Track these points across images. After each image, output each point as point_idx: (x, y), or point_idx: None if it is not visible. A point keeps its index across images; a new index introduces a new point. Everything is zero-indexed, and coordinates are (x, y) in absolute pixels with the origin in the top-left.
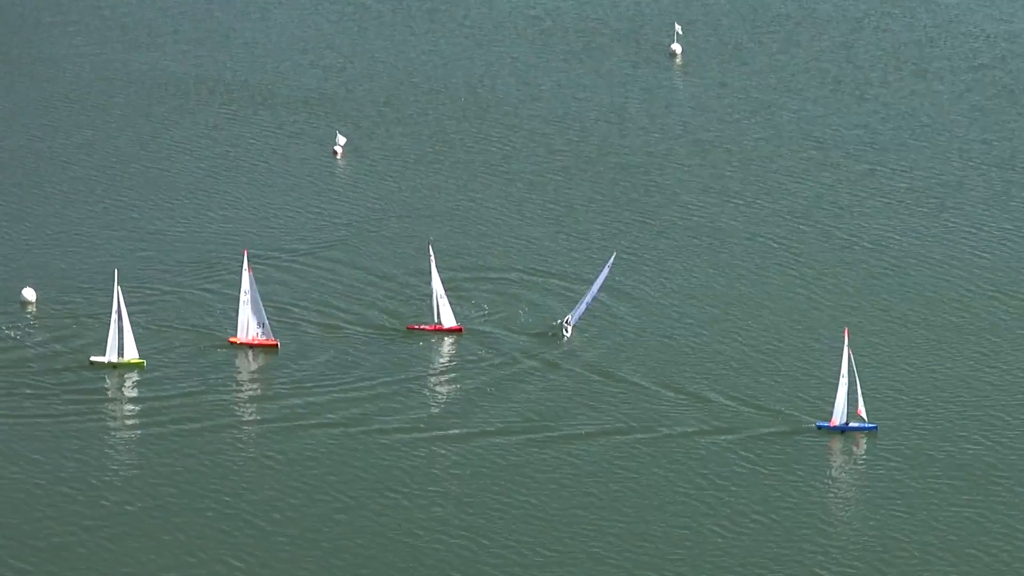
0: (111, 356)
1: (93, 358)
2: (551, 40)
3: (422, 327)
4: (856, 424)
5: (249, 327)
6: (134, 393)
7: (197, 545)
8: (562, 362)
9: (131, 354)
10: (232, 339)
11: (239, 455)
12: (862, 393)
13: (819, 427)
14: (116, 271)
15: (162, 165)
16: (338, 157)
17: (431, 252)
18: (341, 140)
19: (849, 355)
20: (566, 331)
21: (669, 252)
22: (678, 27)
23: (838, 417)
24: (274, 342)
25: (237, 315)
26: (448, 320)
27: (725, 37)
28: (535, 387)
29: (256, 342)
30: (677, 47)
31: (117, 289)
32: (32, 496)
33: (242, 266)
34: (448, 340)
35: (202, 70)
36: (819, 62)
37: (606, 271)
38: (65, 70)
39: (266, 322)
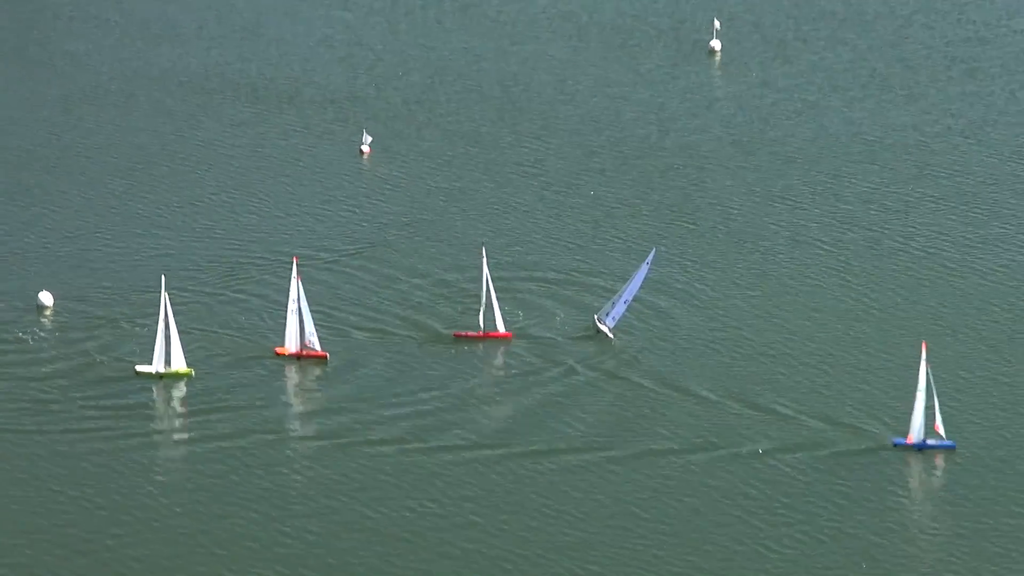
0: (158, 366)
1: (139, 368)
2: (587, 37)
3: (469, 334)
4: (934, 441)
5: (298, 338)
6: (182, 406)
7: (239, 561)
8: (620, 372)
9: (178, 364)
10: (279, 350)
11: (287, 472)
12: (940, 409)
13: (895, 444)
14: (163, 277)
15: (185, 165)
16: (365, 157)
17: (484, 255)
18: (368, 139)
19: (927, 370)
20: (607, 332)
21: (715, 257)
22: (717, 23)
23: (915, 434)
24: (323, 354)
25: (285, 324)
26: (498, 326)
27: (767, 34)
28: (594, 400)
29: (304, 354)
30: (716, 44)
31: (164, 296)
32: (77, 508)
33: (291, 273)
34: (497, 348)
35: (226, 67)
36: (866, 60)
37: (646, 268)
38: (85, 67)
39: (314, 333)
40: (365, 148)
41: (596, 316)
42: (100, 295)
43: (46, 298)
